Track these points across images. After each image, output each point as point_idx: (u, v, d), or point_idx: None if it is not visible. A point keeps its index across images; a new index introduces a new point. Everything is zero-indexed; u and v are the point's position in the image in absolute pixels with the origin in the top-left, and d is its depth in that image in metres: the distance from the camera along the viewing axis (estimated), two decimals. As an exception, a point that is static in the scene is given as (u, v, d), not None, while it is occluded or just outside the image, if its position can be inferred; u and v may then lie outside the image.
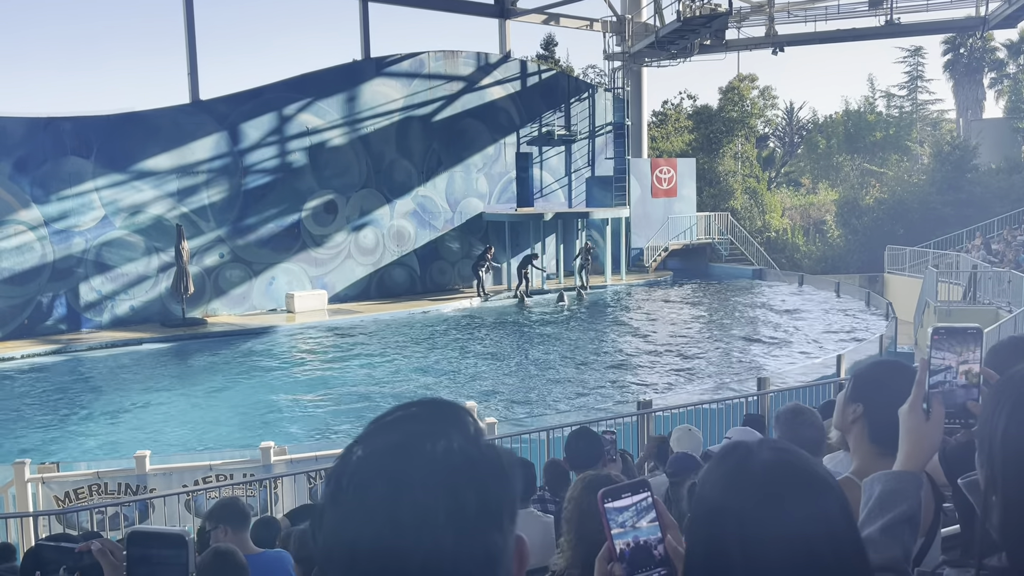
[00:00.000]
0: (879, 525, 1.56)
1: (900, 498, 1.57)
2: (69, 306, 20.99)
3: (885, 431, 2.26)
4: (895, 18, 30.05)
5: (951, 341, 1.67)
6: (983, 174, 35.81)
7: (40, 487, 9.03)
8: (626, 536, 1.33)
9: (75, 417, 14.52)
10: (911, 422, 1.64)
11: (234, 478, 9.15)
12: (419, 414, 1.01)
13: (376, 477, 0.93)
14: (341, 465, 0.98)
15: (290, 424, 13.94)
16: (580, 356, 18.59)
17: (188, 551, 1.64)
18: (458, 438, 0.97)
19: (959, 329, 1.68)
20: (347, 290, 25.49)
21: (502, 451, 1.01)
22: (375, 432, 0.99)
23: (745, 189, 38.29)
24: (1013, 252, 25.45)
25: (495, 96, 28.51)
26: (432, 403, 1.03)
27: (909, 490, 1.58)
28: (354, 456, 0.97)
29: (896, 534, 1.54)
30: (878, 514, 1.57)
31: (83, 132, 21.06)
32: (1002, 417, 1.29)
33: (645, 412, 9.87)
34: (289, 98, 24.24)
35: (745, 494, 1.20)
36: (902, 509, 1.56)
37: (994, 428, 1.30)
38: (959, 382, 1.65)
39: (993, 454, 1.29)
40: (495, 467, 0.97)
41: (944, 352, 1.66)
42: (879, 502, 1.58)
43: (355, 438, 1.01)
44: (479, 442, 0.98)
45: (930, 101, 54.26)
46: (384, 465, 0.94)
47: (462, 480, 0.93)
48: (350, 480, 0.95)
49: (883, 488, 1.59)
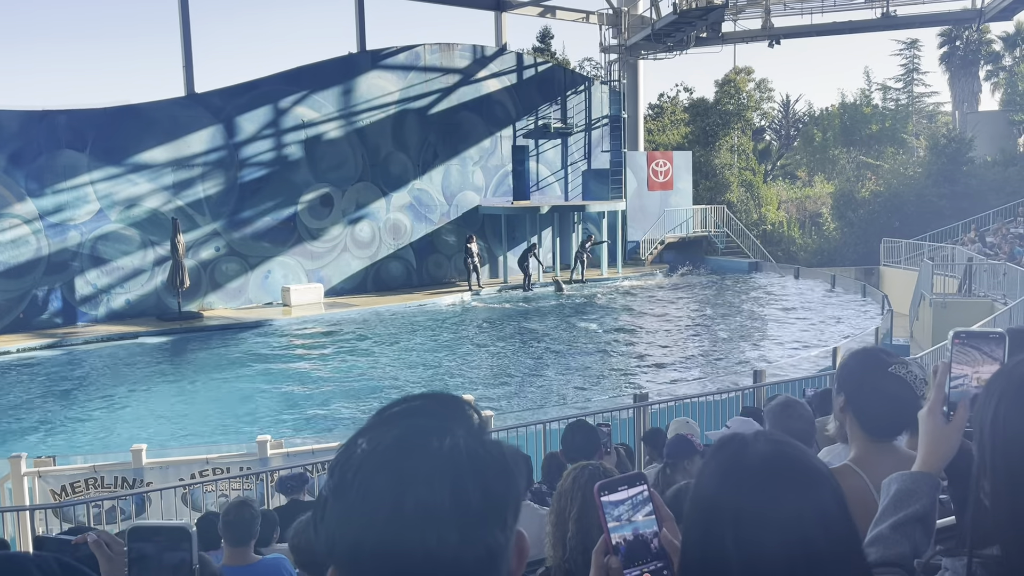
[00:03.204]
0: (890, 522, 1.59)
1: (914, 498, 1.60)
2: (64, 300, 20.96)
3: (873, 419, 2.28)
4: (891, 10, 30.06)
5: (973, 346, 1.66)
6: (979, 167, 35.83)
7: (36, 481, 9.02)
8: (622, 529, 1.33)
9: (71, 411, 14.50)
10: (930, 424, 1.65)
11: (231, 471, 9.15)
12: (424, 408, 1.00)
13: (380, 471, 0.93)
14: (345, 458, 0.97)
15: (287, 417, 13.95)
16: (575, 349, 18.61)
17: (192, 545, 1.63)
18: (463, 433, 0.97)
19: (981, 334, 1.67)
20: (343, 283, 25.47)
21: (506, 447, 1.00)
22: (379, 425, 0.99)
23: (741, 182, 38.29)
24: (1008, 244, 25.49)
25: (491, 89, 28.46)
26: (436, 397, 1.02)
27: (924, 491, 1.60)
28: (358, 449, 0.96)
29: (907, 532, 1.57)
30: (892, 512, 1.61)
31: (78, 125, 20.99)
32: (992, 404, 1.31)
33: (642, 405, 9.88)
34: (285, 91, 24.17)
35: (741, 485, 1.21)
36: (915, 508, 1.59)
37: (985, 415, 1.32)
38: (973, 386, 1.64)
39: (983, 441, 1.31)
40: (500, 464, 0.97)
41: (965, 356, 1.66)
42: (894, 500, 1.62)
43: (358, 430, 1.00)
44: (483, 438, 0.98)
45: (926, 94, 54.27)
46: (389, 459, 0.94)
47: (467, 476, 0.93)
48: (355, 474, 0.94)
49: (899, 487, 1.63)
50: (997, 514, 1.28)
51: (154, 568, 1.59)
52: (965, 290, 20.13)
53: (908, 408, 2.23)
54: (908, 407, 2.23)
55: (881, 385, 2.25)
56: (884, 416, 2.26)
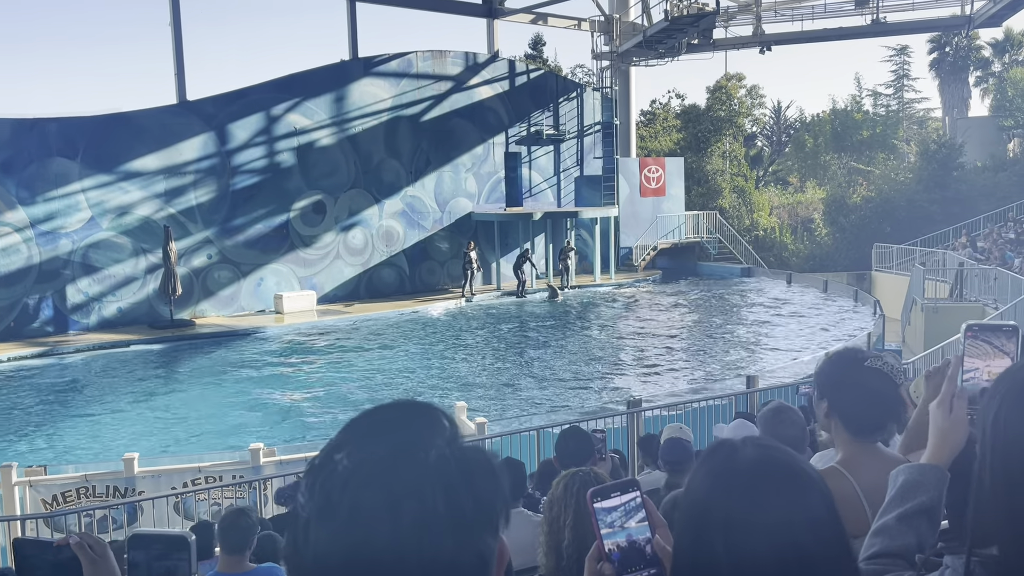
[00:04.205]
0: (896, 513, 1.58)
1: (921, 490, 1.59)
2: (56, 308, 20.87)
3: (856, 417, 2.30)
4: (881, 17, 30.21)
5: (984, 339, 1.66)
6: (969, 172, 36.02)
7: (27, 490, 8.97)
8: (616, 536, 1.33)
9: (63, 420, 14.43)
10: (939, 416, 1.64)
11: (223, 480, 9.12)
12: (399, 418, 0.98)
13: (369, 487, 0.91)
14: (325, 475, 0.93)
15: (280, 425, 13.91)
16: (569, 355, 18.61)
17: (191, 554, 1.63)
18: (444, 442, 0.95)
19: (994, 327, 1.67)
20: (336, 290, 25.43)
21: (488, 451, 1.00)
22: (356, 439, 0.96)
23: (733, 188, 38.39)
24: (999, 249, 25.63)
25: (483, 96, 28.50)
26: (409, 406, 1.00)
27: (931, 483, 1.59)
28: (339, 466, 0.93)
29: (912, 524, 1.57)
30: (898, 503, 1.60)
31: (69, 133, 20.93)
32: (994, 405, 1.32)
33: (635, 411, 9.89)
34: (277, 98, 24.16)
35: (730, 490, 1.22)
36: (921, 500, 1.58)
37: (987, 416, 1.33)
38: (984, 379, 1.63)
39: (985, 440, 1.33)
40: (486, 469, 0.97)
41: (976, 350, 1.66)
42: (900, 492, 1.61)
43: (332, 444, 0.97)
44: (463, 444, 0.97)
45: (916, 100, 54.55)
46: (376, 474, 0.91)
47: (458, 484, 0.92)
48: (342, 492, 0.91)
49: (906, 479, 1.62)
50: (995, 514, 1.29)
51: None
52: (956, 295, 20.21)
53: (889, 399, 2.27)
54: (889, 398, 2.27)
55: (860, 380, 2.28)
56: (867, 411, 2.27)
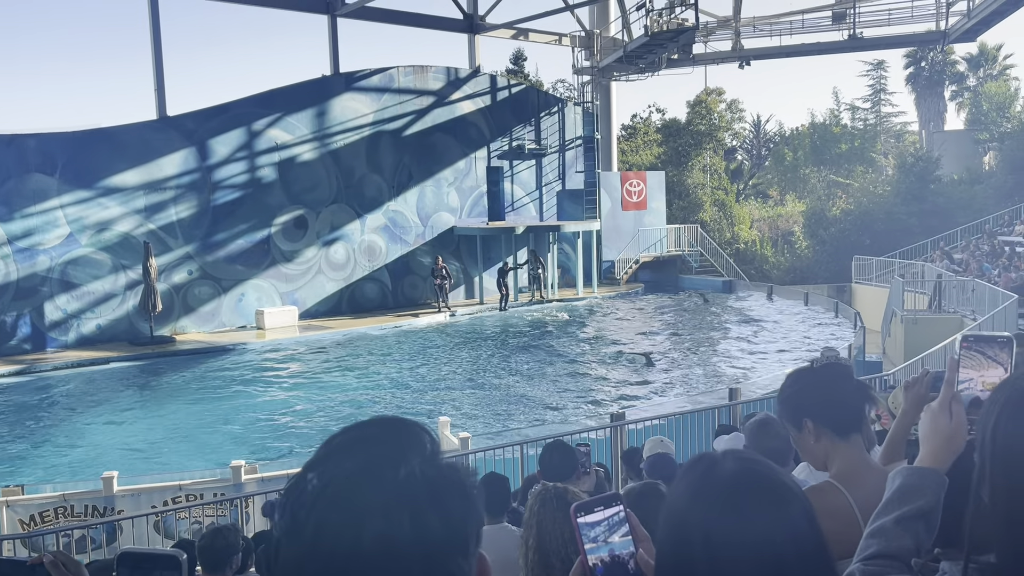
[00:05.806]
0: (894, 516, 1.57)
1: (919, 494, 1.58)
2: (33, 325, 20.64)
3: (836, 415, 2.40)
4: (858, 32, 30.57)
5: (979, 350, 1.68)
6: (946, 185, 36.47)
7: (4, 510, 8.85)
8: (599, 551, 1.33)
9: (40, 438, 14.24)
10: (941, 421, 1.64)
11: (204, 497, 9.03)
12: (374, 436, 0.96)
13: (334, 508, 0.88)
14: (295, 495, 0.92)
15: (261, 442, 13.79)
16: (552, 369, 18.60)
17: (182, 573, 1.60)
18: (417, 460, 0.92)
19: (988, 338, 1.70)
20: (318, 306, 25.32)
21: (463, 470, 0.96)
22: (329, 457, 0.94)
23: (714, 201, 38.66)
24: (976, 261, 25.91)
25: (465, 111, 28.57)
26: (386, 422, 0.98)
27: (930, 487, 1.58)
28: (308, 485, 0.91)
29: (910, 527, 1.56)
30: (895, 506, 1.58)
31: (47, 149, 20.77)
32: (994, 414, 1.34)
33: (618, 424, 9.90)
34: (258, 113, 24.10)
35: (710, 503, 1.21)
36: (919, 504, 1.57)
37: (987, 424, 1.34)
38: (979, 390, 1.65)
39: (984, 448, 1.33)
40: (458, 489, 0.94)
41: (971, 361, 1.68)
42: (898, 494, 1.60)
43: (307, 463, 0.95)
44: (438, 462, 0.94)
45: (893, 113, 55.20)
46: (342, 494, 0.89)
47: (425, 505, 0.89)
48: (308, 512, 0.89)
49: (903, 482, 1.61)
50: (994, 522, 1.29)
51: None
52: (935, 306, 20.39)
53: (850, 381, 2.44)
54: (848, 380, 2.43)
55: (821, 380, 2.41)
56: (842, 402, 2.38)
